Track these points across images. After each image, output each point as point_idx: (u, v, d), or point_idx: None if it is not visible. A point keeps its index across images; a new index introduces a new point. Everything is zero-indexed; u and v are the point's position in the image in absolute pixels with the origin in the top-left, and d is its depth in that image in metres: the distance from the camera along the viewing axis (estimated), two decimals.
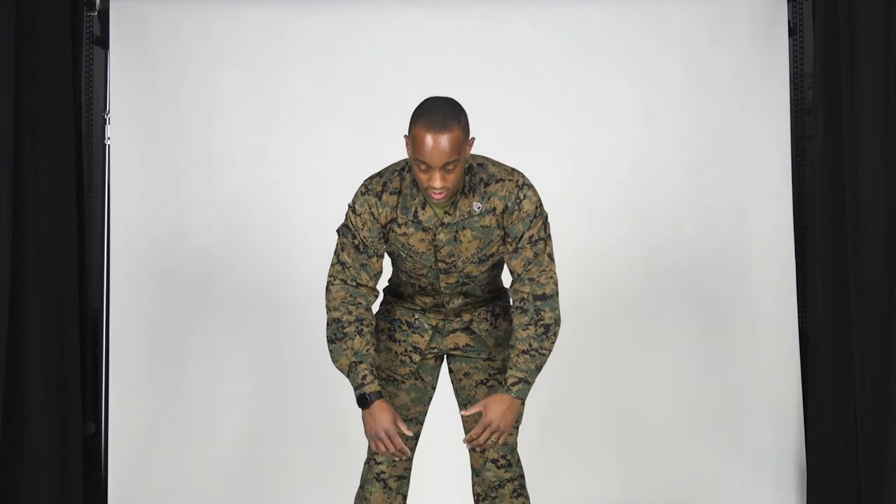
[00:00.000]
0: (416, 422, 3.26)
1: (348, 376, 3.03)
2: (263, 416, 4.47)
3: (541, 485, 3.50)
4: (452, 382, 3.34)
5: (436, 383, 3.33)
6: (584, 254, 4.48)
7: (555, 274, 3.04)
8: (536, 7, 4.50)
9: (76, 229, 4.33)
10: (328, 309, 3.07)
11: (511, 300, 3.12)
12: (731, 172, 4.49)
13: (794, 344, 4.44)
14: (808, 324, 4.41)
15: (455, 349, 3.27)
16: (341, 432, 4.26)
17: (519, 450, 3.28)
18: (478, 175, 3.02)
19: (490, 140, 4.48)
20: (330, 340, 3.05)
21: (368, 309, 3.08)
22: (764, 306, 4.46)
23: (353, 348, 3.01)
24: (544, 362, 3.04)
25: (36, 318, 3.84)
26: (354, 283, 3.05)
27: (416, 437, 3.28)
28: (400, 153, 4.49)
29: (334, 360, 3.05)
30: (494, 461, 3.21)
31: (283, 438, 4.45)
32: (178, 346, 4.48)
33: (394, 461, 3.19)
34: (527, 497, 3.25)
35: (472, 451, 3.26)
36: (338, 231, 3.09)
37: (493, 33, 4.51)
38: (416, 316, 3.24)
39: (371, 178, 3.09)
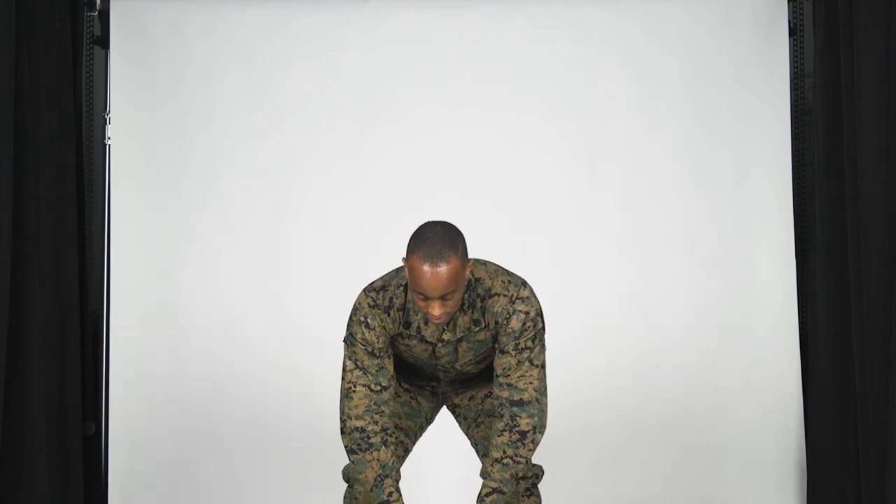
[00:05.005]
0: (405, 433, 3.24)
1: (371, 490, 3.01)
2: (264, 416, 4.46)
3: (541, 484, 3.48)
4: (458, 416, 3.33)
5: (432, 417, 3.33)
6: (583, 253, 4.48)
7: (536, 380, 2.99)
8: (536, 7, 4.50)
9: (76, 229, 4.33)
10: (349, 417, 3.02)
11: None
12: (731, 172, 4.49)
13: (794, 344, 4.43)
14: (808, 324, 4.41)
15: (457, 389, 3.29)
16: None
17: None
18: (475, 290, 3.00)
19: (490, 139, 4.51)
20: (351, 451, 3.02)
21: (391, 417, 3.06)
22: (764, 306, 4.46)
23: (379, 460, 3.00)
24: (521, 470, 3.02)
25: (36, 318, 3.84)
26: (378, 388, 3.02)
27: (406, 450, 3.25)
28: (398, 154, 4.52)
29: (357, 472, 3.03)
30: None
31: (284, 438, 4.45)
32: (177, 345, 4.48)
33: None
34: (538, 496, 3.23)
35: (478, 453, 3.27)
36: (345, 341, 3.05)
37: (492, 33, 4.51)
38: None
39: (377, 291, 3.03)
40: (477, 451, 3.28)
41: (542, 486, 3.27)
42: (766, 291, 4.46)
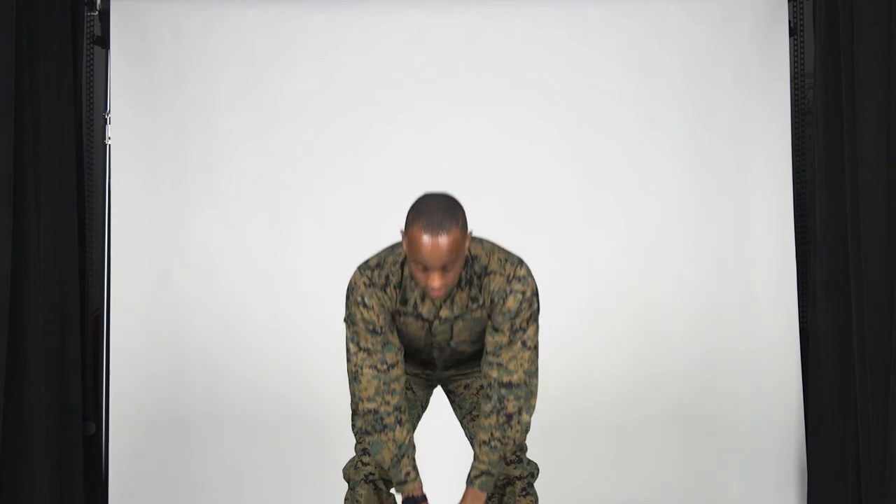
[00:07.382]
0: None
1: (389, 470, 3.02)
2: (264, 416, 4.46)
3: (539, 484, 3.49)
4: (453, 402, 3.31)
5: (426, 403, 3.31)
6: (583, 252, 4.48)
7: (527, 363, 2.96)
8: (536, 6, 4.50)
9: (76, 229, 4.33)
10: (360, 399, 2.99)
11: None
12: (731, 172, 4.49)
13: (795, 344, 4.44)
14: (808, 323, 4.41)
15: (451, 376, 3.26)
16: (340, 432, 4.25)
17: None
18: (472, 267, 2.98)
19: (490, 138, 4.51)
20: (366, 433, 3.01)
21: (402, 393, 3.03)
22: (764, 306, 4.46)
23: (395, 440, 2.99)
24: (509, 451, 3.01)
25: (36, 318, 3.84)
26: (385, 367, 2.99)
27: None
28: (398, 151, 4.52)
29: (374, 454, 3.02)
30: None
31: (284, 438, 4.45)
32: (177, 345, 4.48)
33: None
34: (535, 496, 3.22)
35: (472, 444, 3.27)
36: (346, 321, 3.02)
37: (493, 32, 4.51)
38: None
39: (372, 269, 3.00)
40: (471, 442, 3.27)
41: (540, 486, 3.27)
42: (767, 291, 4.46)
